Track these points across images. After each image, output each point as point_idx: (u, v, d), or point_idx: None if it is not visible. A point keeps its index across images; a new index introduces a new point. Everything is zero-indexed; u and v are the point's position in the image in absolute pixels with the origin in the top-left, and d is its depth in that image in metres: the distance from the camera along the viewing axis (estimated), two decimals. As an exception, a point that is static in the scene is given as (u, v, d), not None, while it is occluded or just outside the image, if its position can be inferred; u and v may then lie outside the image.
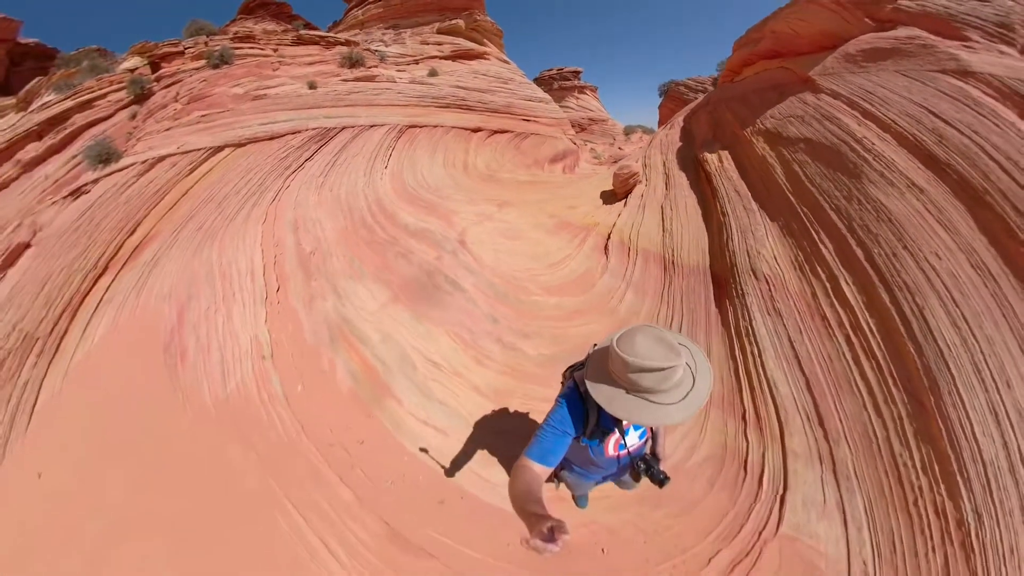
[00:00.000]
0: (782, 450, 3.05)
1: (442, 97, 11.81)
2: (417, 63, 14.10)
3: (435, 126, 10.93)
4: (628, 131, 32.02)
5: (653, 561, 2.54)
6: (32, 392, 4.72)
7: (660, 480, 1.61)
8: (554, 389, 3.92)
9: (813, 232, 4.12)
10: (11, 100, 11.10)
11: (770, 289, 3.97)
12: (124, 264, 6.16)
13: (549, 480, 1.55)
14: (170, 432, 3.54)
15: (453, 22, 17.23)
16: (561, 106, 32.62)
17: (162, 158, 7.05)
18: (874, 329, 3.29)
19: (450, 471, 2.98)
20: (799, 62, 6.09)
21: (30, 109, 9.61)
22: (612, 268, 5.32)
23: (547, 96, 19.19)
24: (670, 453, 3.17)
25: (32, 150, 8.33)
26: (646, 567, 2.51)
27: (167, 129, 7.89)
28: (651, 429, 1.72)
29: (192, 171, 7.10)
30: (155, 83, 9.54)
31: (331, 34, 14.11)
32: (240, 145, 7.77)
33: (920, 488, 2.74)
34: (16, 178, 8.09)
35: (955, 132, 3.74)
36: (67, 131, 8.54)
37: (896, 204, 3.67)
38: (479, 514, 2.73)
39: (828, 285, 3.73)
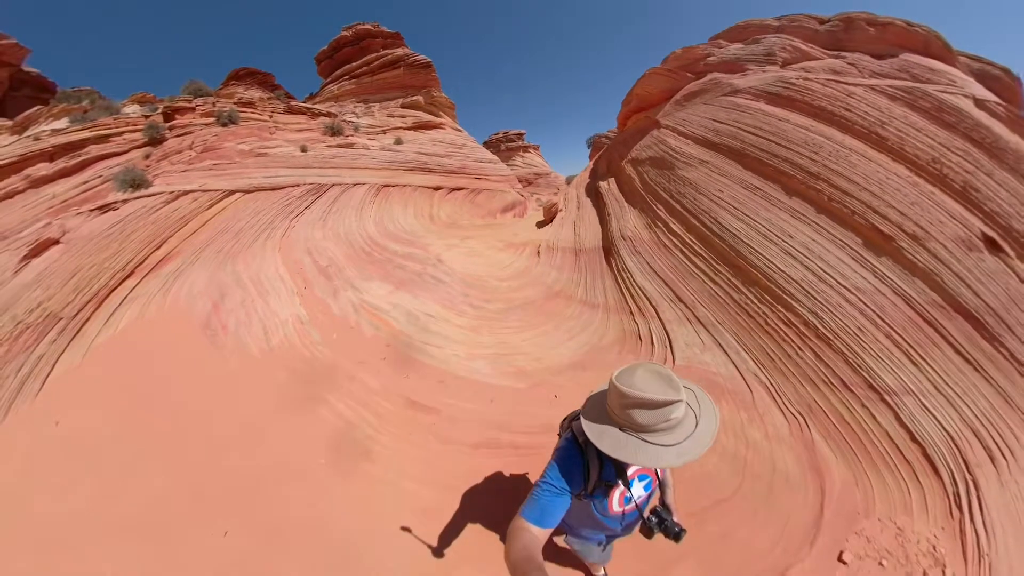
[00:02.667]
0: (660, 321, 5.08)
1: (408, 162, 14.15)
2: (385, 133, 16.55)
3: (404, 186, 13.06)
4: (569, 180, 36.83)
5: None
6: (47, 365, 4.91)
7: (676, 533, 1.41)
8: (506, 325, 5.71)
9: (652, 205, 6.81)
10: (7, 122, 11.59)
11: (632, 243, 6.39)
12: (149, 272, 7.12)
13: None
14: (217, 374, 4.59)
15: (414, 98, 20.41)
16: (509, 164, 37.10)
17: (186, 192, 8.31)
18: (694, 240, 5.71)
19: (446, 366, 4.56)
20: (654, 111, 9.23)
21: (27, 134, 10.24)
22: (542, 262, 7.47)
23: (495, 157, 22.53)
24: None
25: (43, 168, 8.96)
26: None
27: (183, 171, 9.19)
28: (657, 477, 1.52)
29: (211, 206, 8.40)
30: (168, 131, 10.86)
31: (315, 106, 16.31)
32: (248, 192, 9.23)
33: (765, 314, 4.58)
34: (22, 191, 8.61)
35: (724, 125, 6.66)
36: (81, 158, 9.38)
37: (693, 174, 6.43)
38: (466, 386, 4.31)
39: (662, 228, 6.27)
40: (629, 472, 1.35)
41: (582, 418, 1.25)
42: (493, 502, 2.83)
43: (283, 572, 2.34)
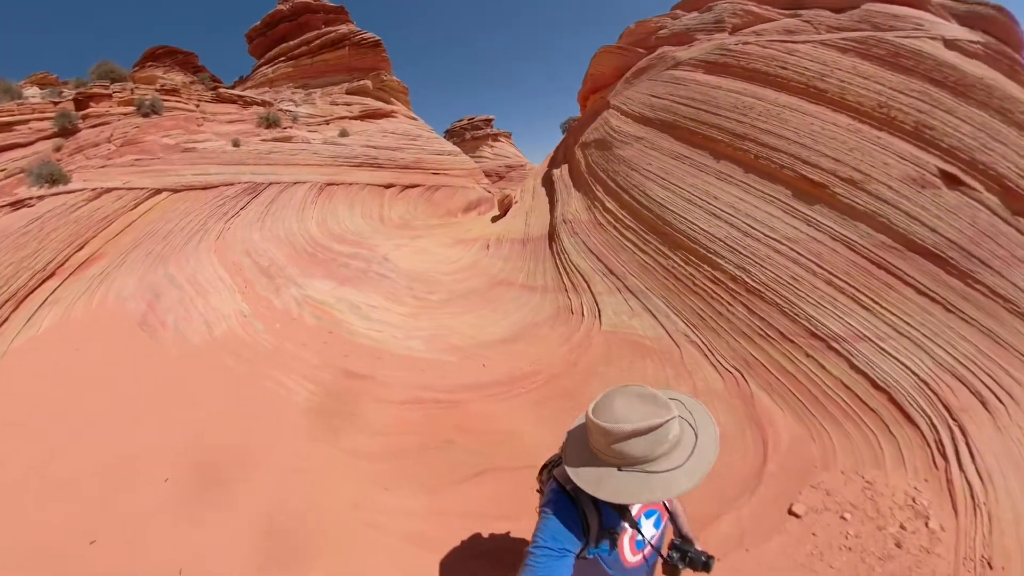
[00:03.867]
0: (591, 294, 6.74)
1: (354, 157, 15.69)
2: (328, 123, 18.08)
3: (350, 184, 14.54)
4: (543, 175, 39.06)
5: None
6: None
7: (704, 563, 1.50)
8: (446, 311, 7.29)
9: (592, 186, 8.65)
10: None
11: (571, 225, 8.26)
12: (71, 274, 8.28)
13: None
14: (158, 361, 5.88)
15: (361, 82, 21.98)
16: (476, 156, 39.09)
17: (108, 190, 9.58)
18: (626, 215, 7.49)
19: (384, 346, 6.07)
20: (608, 90, 11.18)
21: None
22: (490, 254, 9.17)
23: (456, 149, 24.31)
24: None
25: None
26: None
27: (102, 166, 10.46)
28: (666, 508, 1.60)
29: (136, 206, 9.69)
30: (81, 120, 12.04)
31: (247, 94, 17.72)
32: (177, 191, 10.56)
33: (692, 275, 6.06)
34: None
35: (659, 99, 8.55)
36: (-25, 149, 10.49)
37: (628, 151, 8.31)
38: (400, 361, 5.81)
39: (599, 208, 8.08)
40: (633, 511, 1.39)
41: (567, 467, 1.27)
42: (409, 440, 4.32)
43: (248, 479, 3.72)
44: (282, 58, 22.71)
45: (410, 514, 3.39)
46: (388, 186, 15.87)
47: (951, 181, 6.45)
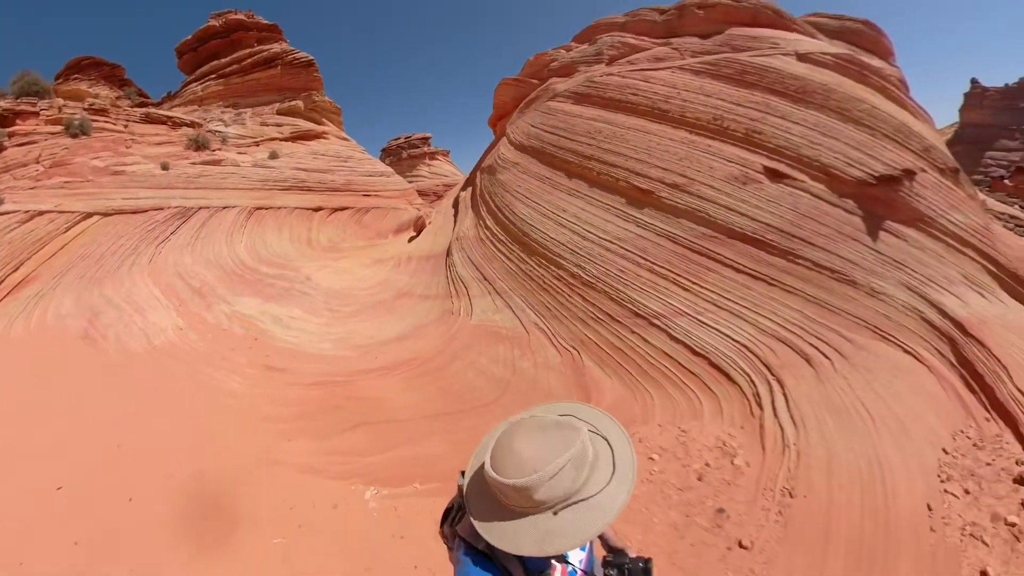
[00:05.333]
0: (468, 298, 8.80)
1: (283, 180, 16.90)
2: (258, 145, 19.07)
3: (279, 208, 15.74)
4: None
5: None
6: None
7: (643, 569, 1.44)
8: (355, 320, 9.13)
9: (480, 207, 10.88)
10: None
11: (461, 242, 10.39)
12: (8, 294, 9.29)
13: None
14: (102, 365, 7.32)
15: (292, 103, 22.94)
16: (413, 174, 40.64)
17: (41, 213, 10.50)
18: (499, 231, 9.70)
19: (300, 348, 7.80)
20: (509, 119, 13.43)
21: None
22: (400, 271, 11.12)
23: (388, 170, 25.79)
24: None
25: None
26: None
27: (32, 188, 11.27)
28: None
29: (68, 229, 10.66)
30: (7, 139, 12.57)
31: (177, 115, 18.40)
32: (107, 215, 11.56)
33: (543, 275, 8.25)
34: None
35: (534, 128, 10.89)
36: None
37: (506, 175, 10.60)
38: (312, 357, 7.59)
39: (483, 226, 10.28)
40: None
41: (478, 527, 1.13)
42: (309, 408, 6.14)
43: (207, 447, 5.36)
44: (213, 75, 23.27)
45: (304, 454, 5.23)
46: (317, 209, 17.17)
47: (775, 175, 7.60)
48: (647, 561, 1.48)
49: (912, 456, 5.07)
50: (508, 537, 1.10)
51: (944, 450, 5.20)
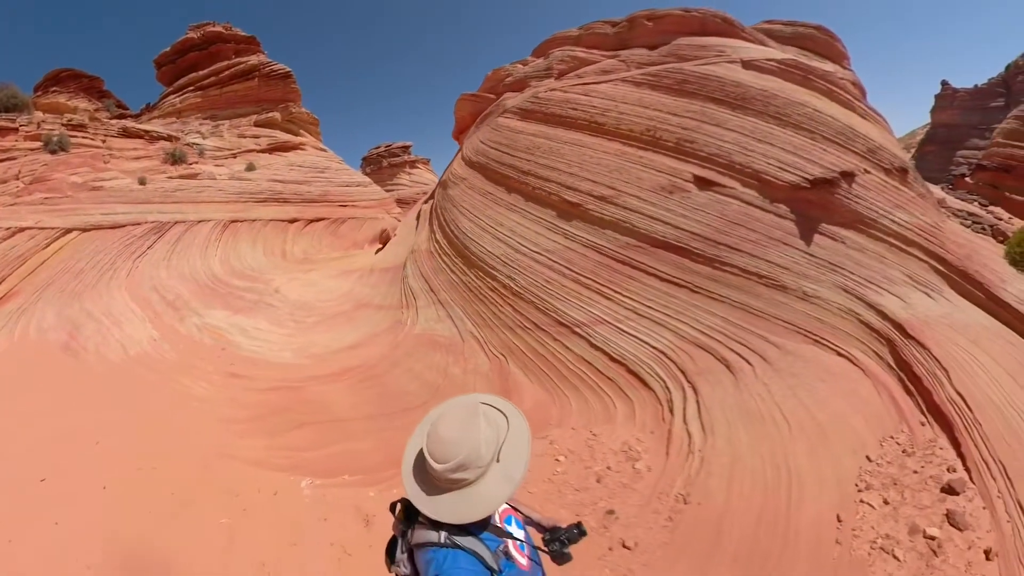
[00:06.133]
0: (416, 308, 9.77)
1: (259, 192, 17.68)
2: (235, 157, 19.76)
3: (254, 220, 16.47)
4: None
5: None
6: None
7: (577, 534, 1.70)
8: (316, 330, 10.08)
9: (433, 221, 11.83)
10: None
11: (415, 255, 11.34)
12: (-8, 311, 10.09)
13: None
14: (83, 374, 8.18)
15: (270, 115, 23.66)
16: (393, 183, 41.28)
17: (22, 229, 11.24)
18: (446, 244, 10.64)
19: (263, 357, 8.72)
20: (467, 133, 14.35)
21: None
22: (363, 282, 12.07)
23: (366, 179, 26.58)
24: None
25: None
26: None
27: (12, 204, 11.99)
28: (513, 509, 1.71)
29: (48, 245, 11.42)
30: None
31: (154, 128, 19.06)
32: (86, 230, 12.33)
33: (480, 287, 9.12)
34: None
35: (482, 144, 11.72)
36: None
37: (454, 191, 11.52)
38: (273, 365, 8.51)
39: (433, 239, 11.24)
40: (497, 523, 1.50)
41: (442, 518, 1.31)
42: (263, 410, 7.08)
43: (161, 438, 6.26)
44: (191, 88, 23.91)
45: (254, 449, 6.18)
46: (292, 221, 17.95)
47: (704, 183, 7.64)
48: (579, 525, 1.74)
49: (827, 463, 4.92)
50: (460, 511, 1.31)
51: (868, 457, 5.00)
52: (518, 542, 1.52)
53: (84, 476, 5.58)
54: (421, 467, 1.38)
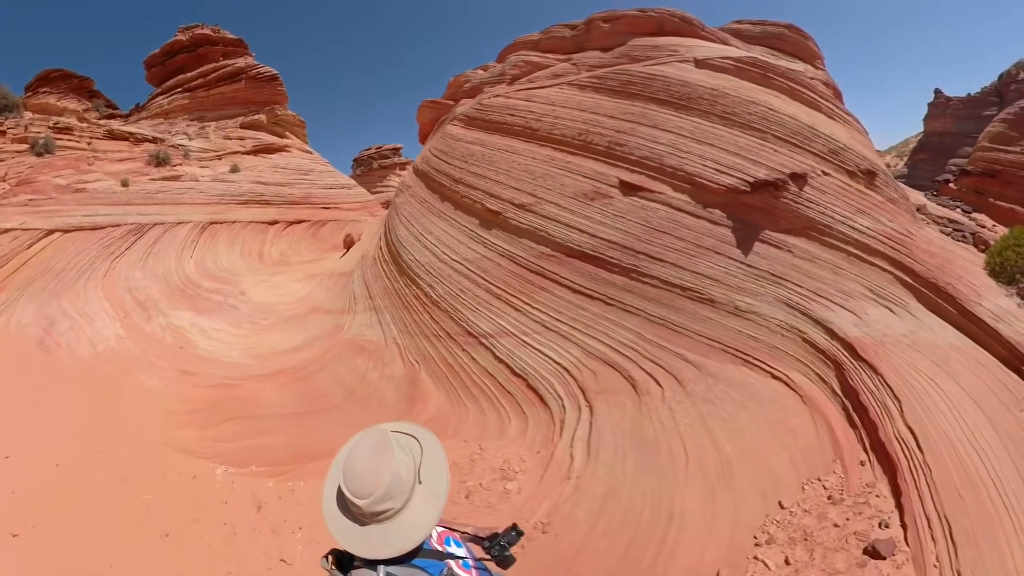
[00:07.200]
0: (354, 313, 10.78)
1: (241, 194, 18.66)
2: (220, 158, 20.73)
3: (234, 222, 17.39)
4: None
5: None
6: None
7: (517, 535, 1.79)
8: (268, 332, 11.22)
9: (384, 235, 12.40)
10: None
11: (364, 261, 12.36)
12: (-22, 308, 11.25)
13: None
14: (53, 368, 9.34)
15: (256, 116, 24.57)
16: (383, 185, 41.95)
17: (6, 230, 12.37)
18: (387, 252, 11.43)
19: (215, 356, 9.85)
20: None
21: None
22: (322, 286, 13.15)
23: (351, 182, 27.51)
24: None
25: None
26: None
27: (-1, 205, 13.15)
28: (449, 529, 1.76)
29: (31, 246, 12.54)
30: None
31: (139, 130, 20.09)
32: (68, 231, 13.45)
33: (407, 294, 9.64)
34: None
35: (428, 152, 12.41)
36: None
37: (400, 199, 12.42)
38: (222, 364, 9.62)
39: (378, 247, 12.09)
40: (436, 546, 1.54)
41: (372, 556, 1.29)
42: (201, 404, 8.22)
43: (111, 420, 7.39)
44: (179, 89, 24.91)
45: (186, 439, 7.28)
46: (273, 223, 18.85)
47: (629, 188, 7.19)
48: (515, 526, 1.81)
49: (725, 507, 4.35)
50: (392, 542, 1.28)
51: (780, 503, 4.37)
52: (460, 560, 1.53)
53: (42, 455, 6.72)
54: (344, 507, 1.33)
